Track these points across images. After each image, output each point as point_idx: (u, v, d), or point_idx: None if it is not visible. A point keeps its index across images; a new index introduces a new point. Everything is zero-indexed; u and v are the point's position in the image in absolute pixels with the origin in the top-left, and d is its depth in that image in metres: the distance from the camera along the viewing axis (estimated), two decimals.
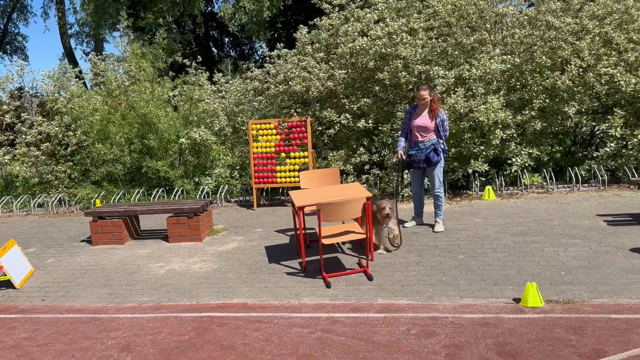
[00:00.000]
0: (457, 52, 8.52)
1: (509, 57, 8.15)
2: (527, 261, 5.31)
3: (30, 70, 11.58)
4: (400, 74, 8.03)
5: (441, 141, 6.27)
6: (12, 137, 11.73)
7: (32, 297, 5.42)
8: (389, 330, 4.05)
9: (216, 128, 10.13)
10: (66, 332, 4.48)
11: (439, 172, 6.34)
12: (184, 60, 12.10)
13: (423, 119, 6.23)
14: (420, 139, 6.26)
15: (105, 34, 24.29)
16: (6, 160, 11.04)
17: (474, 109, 7.64)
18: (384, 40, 8.19)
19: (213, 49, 29.34)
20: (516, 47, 8.59)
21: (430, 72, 7.97)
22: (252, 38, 27.68)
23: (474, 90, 7.95)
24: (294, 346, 3.92)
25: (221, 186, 9.62)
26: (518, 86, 8.44)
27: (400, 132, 6.49)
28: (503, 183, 8.31)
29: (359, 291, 4.88)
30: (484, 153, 7.93)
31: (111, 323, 4.59)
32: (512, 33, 8.57)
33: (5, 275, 5.65)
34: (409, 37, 8.22)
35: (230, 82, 10.95)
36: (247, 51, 30.31)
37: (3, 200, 10.44)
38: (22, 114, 11.35)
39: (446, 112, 7.70)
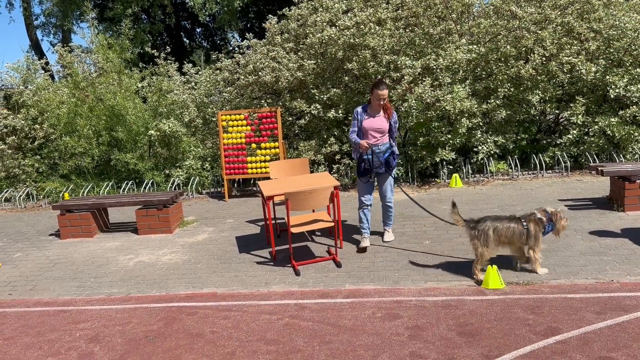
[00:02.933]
0: (424, 42, 8.63)
1: (475, 46, 8.30)
2: None
3: None
4: (368, 64, 8.11)
5: (394, 144, 5.66)
6: None
7: (0, 291, 5.37)
8: (354, 315, 4.15)
9: (186, 119, 10.07)
10: (34, 325, 4.46)
11: (391, 179, 5.71)
12: (153, 51, 11.96)
13: (379, 120, 5.49)
14: (374, 141, 5.51)
15: (71, 25, 23.76)
16: None
17: (441, 98, 7.77)
18: (352, 30, 8.25)
19: (184, 39, 28.95)
20: (482, 37, 8.75)
21: (398, 62, 8.07)
22: (224, 28, 27.42)
23: (440, 80, 8.08)
24: (261, 332, 3.99)
25: (192, 178, 9.59)
26: (484, 75, 8.61)
27: (350, 133, 5.63)
28: (470, 171, 8.49)
29: (328, 278, 4.97)
30: (451, 142, 8.08)
31: (79, 315, 4.58)
32: (477, 23, 8.72)
33: None
34: (377, 27, 8.30)
35: (200, 72, 10.88)
36: (218, 42, 30.00)
37: None
38: None
39: (413, 102, 7.82)
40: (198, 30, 29.89)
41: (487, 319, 3.91)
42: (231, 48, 28.00)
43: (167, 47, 12.21)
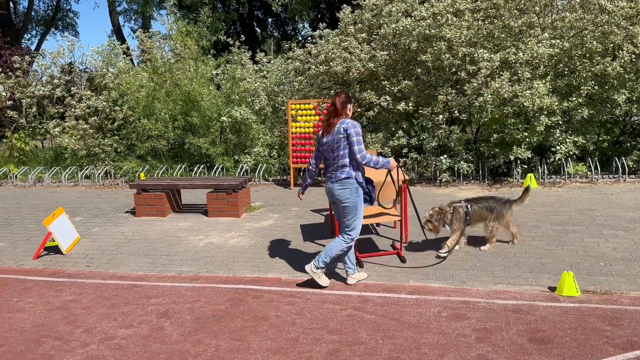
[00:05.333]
0: (503, 35, 8.30)
1: (558, 41, 7.89)
2: (565, 250, 5.21)
3: (81, 46, 11.94)
4: (443, 56, 7.90)
5: None
6: (62, 110, 12.20)
7: (78, 262, 5.69)
8: (419, 312, 4.08)
9: (257, 107, 10.25)
10: (109, 297, 4.70)
11: None
12: (228, 39, 12.23)
13: None
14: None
15: (152, 11, 24.75)
16: (56, 133, 11.50)
17: (519, 94, 7.46)
18: (428, 21, 8.05)
19: (256, 28, 29.45)
20: (566, 32, 8.30)
21: (475, 55, 7.80)
22: (295, 18, 27.64)
23: (519, 75, 7.75)
24: (324, 321, 4.00)
25: (260, 165, 9.76)
26: (566, 72, 8.18)
27: (364, 150, 4.38)
28: (546, 171, 8.12)
29: (392, 272, 4.92)
30: (527, 140, 7.75)
31: (151, 290, 4.78)
32: (562, 17, 8.28)
33: (54, 241, 5.94)
34: (454, 18, 8.06)
35: (272, 61, 11.02)
36: (290, 31, 30.28)
37: (52, 170, 10.91)
38: (72, 88, 11.77)
39: (489, 96, 7.55)
40: (270, 19, 30.32)
41: (560, 327, 3.73)
42: (301, 38, 27.95)
43: (242, 36, 12.45)
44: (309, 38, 9.93)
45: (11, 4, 25.87)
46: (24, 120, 12.50)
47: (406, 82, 8.25)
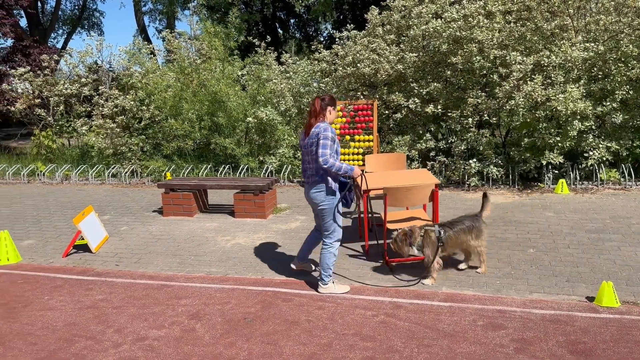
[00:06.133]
0: (535, 38, 8.14)
1: (592, 44, 7.71)
2: (602, 259, 5.06)
3: (109, 45, 12.02)
4: (474, 59, 7.78)
5: None
6: (89, 109, 12.34)
7: (107, 261, 5.71)
8: (454, 320, 3.99)
9: (282, 108, 10.22)
10: (139, 296, 4.70)
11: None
12: (254, 40, 12.24)
13: None
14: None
15: (177, 11, 24.96)
16: (84, 131, 11.63)
17: (552, 97, 7.30)
18: (459, 22, 7.93)
19: (279, 29, 29.50)
20: (600, 35, 8.11)
21: (507, 58, 7.66)
22: (319, 19, 27.61)
23: (552, 78, 7.58)
24: (357, 327, 3.93)
25: (285, 166, 9.73)
26: (600, 76, 7.98)
27: (329, 157, 4.25)
28: (577, 177, 7.93)
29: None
30: (559, 144, 7.58)
31: (181, 291, 4.77)
32: (596, 19, 8.08)
33: (83, 239, 5.98)
34: (485, 20, 7.93)
35: (298, 62, 10.99)
36: (311, 33, 30.28)
37: (80, 169, 11.04)
38: (100, 87, 11.89)
39: (521, 100, 7.41)
40: (292, 21, 30.36)
41: (601, 338, 3.61)
42: (322, 39, 27.88)
43: (267, 37, 12.46)
44: (336, 39, 9.86)
45: (39, 4, 26.33)
46: (51, 118, 12.67)
47: (435, 84, 8.14)
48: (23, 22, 24.36)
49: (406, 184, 5.03)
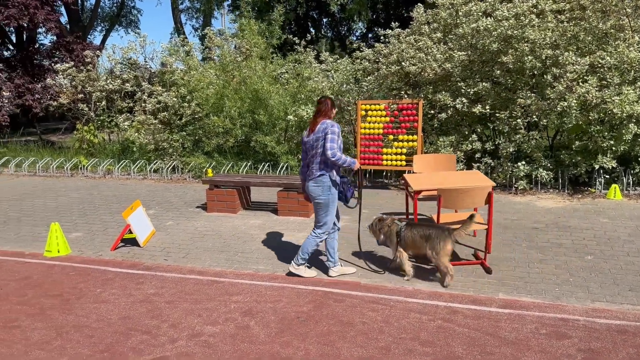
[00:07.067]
0: (589, 38, 7.87)
1: None
2: None
3: (152, 42, 12.18)
4: (526, 58, 7.56)
5: None
6: (131, 104, 12.52)
7: (155, 255, 5.74)
8: (515, 327, 3.85)
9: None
10: (190, 291, 4.70)
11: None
12: (294, 38, 12.21)
13: None
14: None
15: (213, 9, 25.16)
16: (125, 126, 11.79)
17: (607, 100, 7.04)
18: (510, 21, 7.72)
19: (311, 29, 29.48)
20: None
21: (560, 58, 7.42)
22: (353, 18, 27.47)
23: (608, 80, 7.32)
24: (414, 331, 3.84)
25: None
26: None
27: (337, 150, 4.53)
28: (631, 182, 7.64)
29: (477, 283, 4.70)
30: (613, 148, 7.31)
31: (232, 287, 4.75)
32: None
33: (132, 233, 6.03)
34: (536, 19, 7.70)
35: (339, 61, 10.91)
36: (344, 32, 30.13)
37: (122, 163, 11.20)
38: (142, 83, 12.04)
39: (574, 102, 7.17)
40: (324, 19, 30.28)
41: None
42: (355, 38, 27.60)
43: (307, 35, 12.42)
44: (381, 37, 9.71)
45: (79, 1, 26.90)
46: (92, 113, 12.89)
47: (483, 83, 7.95)
48: (63, 19, 24.90)
49: (461, 185, 4.90)
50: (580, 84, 7.31)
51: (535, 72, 7.75)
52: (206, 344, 3.73)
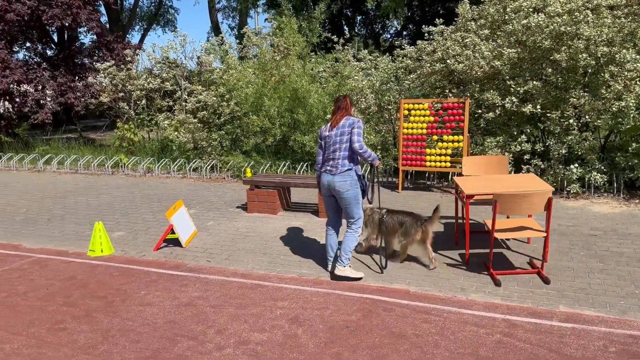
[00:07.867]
0: None
1: None
2: None
3: (192, 41, 12.21)
4: (580, 56, 7.19)
5: None
6: (170, 103, 12.58)
7: (198, 257, 5.67)
8: (581, 344, 3.60)
9: (362, 106, 9.96)
10: (234, 295, 4.59)
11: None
12: (332, 36, 12.04)
13: None
14: None
15: (249, 8, 25.22)
16: (165, 125, 11.85)
17: None
18: (564, 17, 7.36)
19: (344, 27, 29.23)
20: None
21: (616, 56, 7.04)
22: (389, 16, 27.10)
23: None
24: (472, 346, 3.62)
25: (363, 165, 9.47)
26: None
27: (362, 142, 4.69)
28: None
29: (535, 294, 4.44)
30: None
31: (276, 292, 4.62)
32: None
33: (174, 233, 5.97)
34: (591, 15, 7.32)
35: (380, 59, 10.68)
36: (378, 30, 29.75)
37: (162, 162, 11.25)
38: (182, 83, 12.07)
39: (632, 101, 6.77)
40: (358, 17, 29.96)
41: None
42: (389, 36, 27.18)
43: (346, 33, 12.22)
44: (425, 34, 9.44)
45: (118, 0, 27.36)
46: (132, 111, 13.01)
47: (534, 82, 7.61)
48: (103, 19, 25.36)
49: (520, 190, 4.64)
50: (639, 82, 6.91)
51: (589, 70, 7.37)
52: (254, 353, 3.60)
